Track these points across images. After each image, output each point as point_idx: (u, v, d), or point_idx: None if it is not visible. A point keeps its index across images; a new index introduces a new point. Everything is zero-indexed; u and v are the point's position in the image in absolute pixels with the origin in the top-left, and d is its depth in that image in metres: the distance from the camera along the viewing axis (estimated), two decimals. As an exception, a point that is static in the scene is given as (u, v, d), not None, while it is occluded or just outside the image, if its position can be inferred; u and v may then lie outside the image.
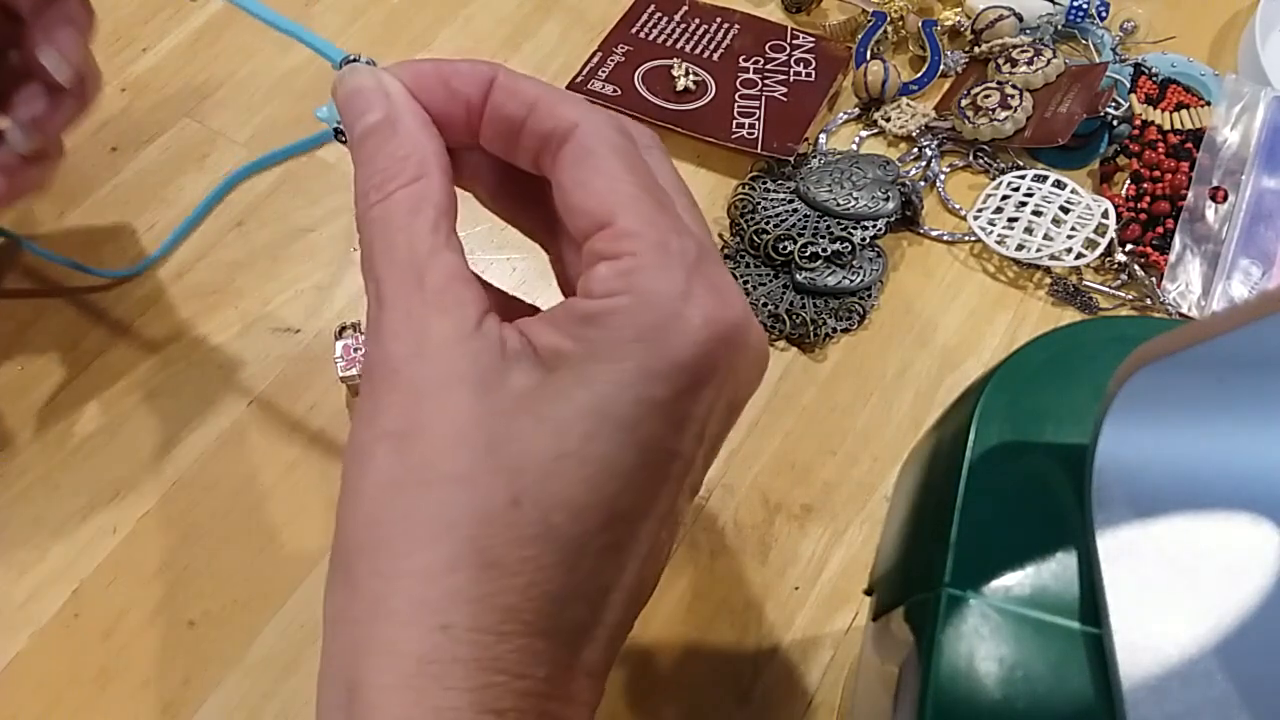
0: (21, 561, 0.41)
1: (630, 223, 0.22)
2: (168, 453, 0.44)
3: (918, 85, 0.56)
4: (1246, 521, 0.21)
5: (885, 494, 0.43)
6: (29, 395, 0.45)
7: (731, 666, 0.39)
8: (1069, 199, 0.50)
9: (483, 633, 0.20)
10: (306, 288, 0.49)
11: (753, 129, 0.52)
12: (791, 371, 0.47)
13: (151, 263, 0.49)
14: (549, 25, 0.59)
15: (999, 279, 0.50)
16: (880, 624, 0.26)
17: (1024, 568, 0.21)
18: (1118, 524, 0.21)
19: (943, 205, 0.52)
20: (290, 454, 0.44)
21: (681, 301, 0.21)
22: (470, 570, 0.20)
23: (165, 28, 0.58)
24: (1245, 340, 0.17)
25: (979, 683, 0.20)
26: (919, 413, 0.46)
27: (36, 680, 0.38)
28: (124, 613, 0.40)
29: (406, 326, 0.21)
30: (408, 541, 0.21)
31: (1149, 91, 0.54)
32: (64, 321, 0.47)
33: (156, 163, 0.52)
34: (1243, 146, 0.51)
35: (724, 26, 0.58)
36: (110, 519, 0.42)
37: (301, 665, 0.39)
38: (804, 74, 0.55)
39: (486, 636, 0.21)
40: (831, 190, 0.50)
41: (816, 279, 0.48)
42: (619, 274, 0.21)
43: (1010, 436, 0.24)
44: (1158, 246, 0.49)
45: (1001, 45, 0.55)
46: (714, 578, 0.41)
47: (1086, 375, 0.24)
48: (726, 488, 0.43)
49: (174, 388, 0.45)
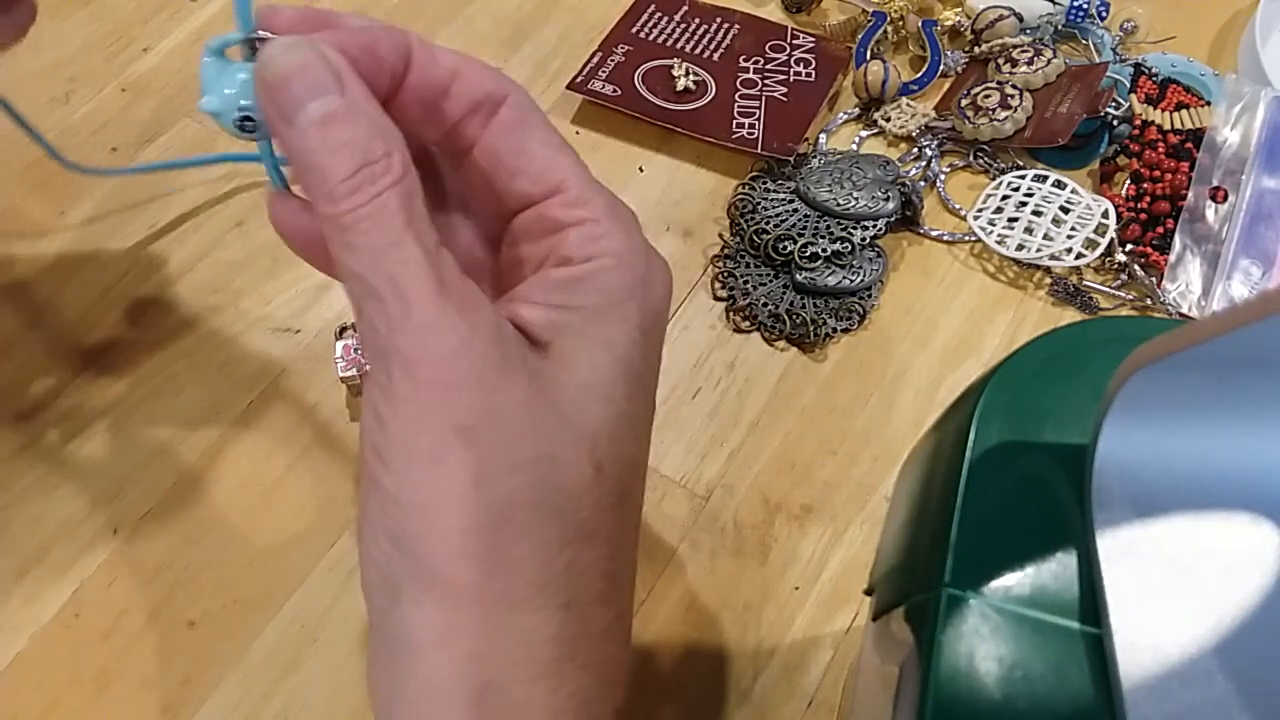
0: (21, 561, 0.41)
1: (580, 190, 0.22)
2: (168, 453, 0.44)
3: (918, 85, 0.56)
4: (1246, 521, 0.21)
5: (885, 494, 0.43)
6: (29, 395, 0.45)
7: (731, 666, 0.39)
8: (1069, 199, 0.50)
9: (595, 604, 0.21)
10: (306, 288, 0.49)
11: (753, 129, 0.52)
12: (791, 371, 0.47)
13: (127, 172, 0.50)
14: (549, 25, 0.59)
15: (999, 279, 0.50)
16: (880, 624, 0.26)
17: (1024, 568, 0.21)
18: (1118, 524, 0.21)
19: (943, 205, 0.52)
20: (290, 454, 0.44)
21: (646, 258, 0.22)
22: (576, 544, 0.21)
23: (165, 28, 0.58)
24: (1245, 340, 0.17)
25: (979, 683, 0.20)
26: (919, 413, 0.46)
27: (36, 680, 0.38)
28: (124, 613, 0.40)
29: (447, 322, 0.20)
30: (512, 529, 0.20)
31: (1149, 91, 0.54)
32: (64, 321, 0.47)
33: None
34: (1243, 146, 0.51)
35: (724, 26, 0.58)
36: (110, 519, 0.42)
37: (301, 665, 0.39)
38: (804, 74, 0.55)
39: (597, 607, 0.21)
40: (831, 190, 0.50)
41: (816, 279, 0.48)
42: (592, 239, 0.22)
43: (1010, 436, 0.24)
44: (1158, 246, 0.49)
45: (1001, 45, 0.56)
46: (714, 578, 0.41)
47: (1086, 375, 0.24)
48: (726, 488, 0.43)
49: (174, 388, 0.45)
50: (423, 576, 0.20)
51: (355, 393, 0.45)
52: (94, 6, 0.58)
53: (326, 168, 0.20)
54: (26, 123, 0.41)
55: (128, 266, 0.49)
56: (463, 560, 0.20)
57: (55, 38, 0.57)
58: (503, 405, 0.20)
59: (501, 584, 0.20)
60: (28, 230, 0.50)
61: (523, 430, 0.20)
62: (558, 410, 0.21)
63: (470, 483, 0.20)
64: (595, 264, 0.22)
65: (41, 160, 0.52)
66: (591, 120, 0.54)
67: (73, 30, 0.57)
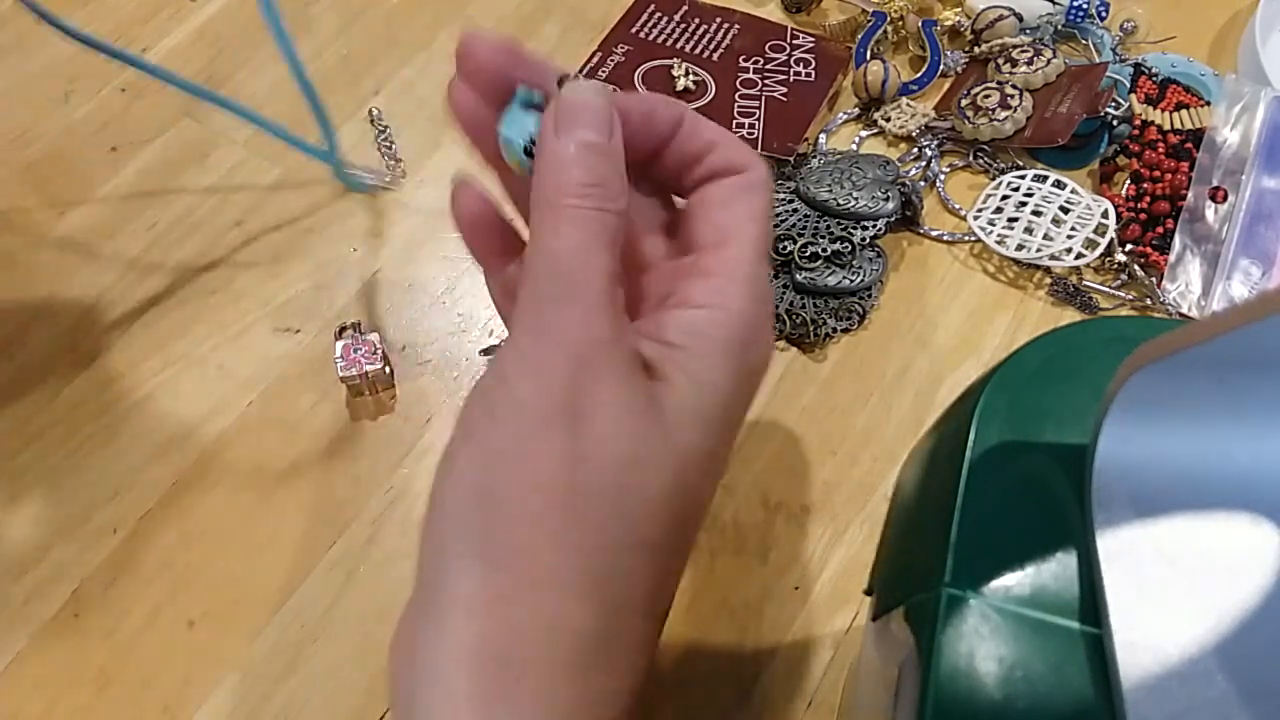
0: (21, 561, 0.41)
1: (741, 249, 0.25)
2: (168, 452, 0.44)
3: (918, 85, 0.56)
4: (1246, 521, 0.21)
5: (885, 494, 0.43)
6: (29, 395, 0.45)
7: (731, 666, 0.39)
8: (1069, 199, 0.50)
9: (634, 613, 0.23)
10: (306, 288, 0.49)
11: (753, 129, 0.52)
12: (791, 371, 0.47)
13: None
14: (549, 25, 0.59)
15: (999, 279, 0.50)
16: (880, 624, 0.26)
17: (1024, 568, 0.21)
18: (1118, 524, 0.21)
19: (943, 205, 0.52)
20: (290, 454, 0.44)
21: (761, 325, 0.25)
22: (635, 551, 0.23)
23: (165, 28, 0.58)
24: (1245, 340, 0.17)
25: (979, 683, 0.20)
26: (919, 413, 0.46)
27: (36, 680, 0.38)
28: (124, 613, 0.40)
29: (598, 319, 0.23)
30: (584, 517, 0.22)
31: (1149, 91, 0.54)
32: (64, 322, 0.47)
33: (156, 163, 0.52)
34: (1243, 146, 0.51)
35: (724, 26, 0.58)
36: (110, 519, 0.42)
37: (301, 665, 0.39)
38: (804, 74, 0.55)
39: (635, 617, 0.23)
40: (831, 190, 0.50)
41: (816, 279, 0.48)
42: (719, 290, 0.25)
43: (1010, 436, 0.24)
44: (1158, 246, 0.49)
45: (1001, 45, 0.55)
46: (714, 578, 0.41)
47: (1086, 375, 0.24)
48: (726, 488, 0.43)
49: (174, 388, 0.45)
50: (495, 534, 0.22)
51: (355, 393, 0.45)
52: (94, 6, 0.58)
53: (574, 173, 0.23)
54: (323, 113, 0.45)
55: (127, 266, 0.49)
56: (538, 529, 0.22)
57: (55, 38, 0.57)
58: (618, 401, 0.22)
59: (558, 562, 0.22)
60: (28, 230, 0.50)
61: (627, 430, 0.22)
62: (661, 423, 0.23)
63: (566, 457, 0.22)
64: (717, 312, 0.24)
65: (42, 160, 0.52)
66: (591, 120, 0.54)
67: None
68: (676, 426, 0.23)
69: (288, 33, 0.42)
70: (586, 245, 0.23)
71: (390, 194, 0.52)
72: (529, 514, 0.22)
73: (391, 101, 0.55)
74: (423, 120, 0.55)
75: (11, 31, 0.57)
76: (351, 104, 0.55)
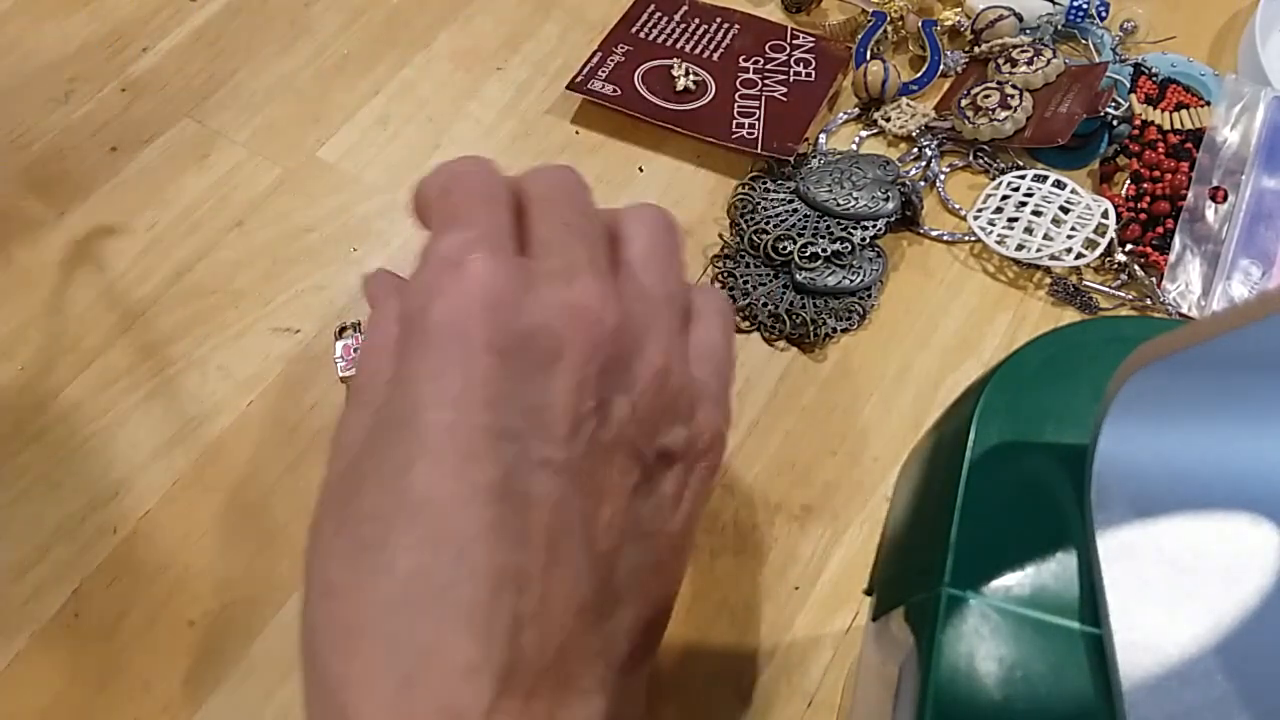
0: (21, 561, 0.41)
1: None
2: (168, 453, 0.44)
3: (918, 85, 0.56)
4: (1246, 521, 0.21)
5: (885, 494, 0.43)
6: (29, 395, 0.45)
7: (731, 666, 0.39)
8: (1069, 199, 0.50)
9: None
10: (306, 288, 0.49)
11: (753, 129, 0.52)
12: (791, 371, 0.47)
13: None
14: (549, 25, 0.59)
15: (999, 279, 0.50)
16: (880, 624, 0.26)
17: (1024, 568, 0.21)
18: (1118, 524, 0.21)
19: (943, 205, 0.52)
20: (290, 454, 0.44)
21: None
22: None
23: (165, 28, 0.58)
24: (1245, 340, 0.17)
25: (979, 683, 0.20)
26: (919, 413, 0.45)
27: (36, 680, 0.38)
28: (124, 613, 0.40)
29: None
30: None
31: (1149, 91, 0.54)
32: (64, 321, 0.47)
33: (156, 163, 0.52)
34: (1243, 146, 0.51)
35: (724, 26, 0.58)
36: (110, 519, 0.42)
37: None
38: (804, 74, 0.55)
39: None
40: (831, 190, 0.50)
41: (816, 279, 0.48)
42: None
43: (1010, 436, 0.24)
44: (1158, 246, 0.49)
45: (1001, 45, 0.55)
46: (714, 578, 0.41)
47: (1086, 375, 0.24)
48: (726, 488, 0.43)
49: (174, 388, 0.45)
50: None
51: (355, 393, 0.45)
52: (94, 6, 0.58)
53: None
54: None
55: (127, 266, 0.49)
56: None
57: (55, 38, 0.57)
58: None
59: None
60: (28, 230, 0.50)
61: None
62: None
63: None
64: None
65: (41, 160, 0.52)
66: (591, 120, 0.54)
67: (73, 30, 0.57)
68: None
69: (287, 33, 0.42)
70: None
71: (389, 194, 0.52)
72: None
73: (391, 101, 0.55)
74: (423, 120, 0.55)
75: (12, 31, 0.57)
76: (352, 104, 0.55)
